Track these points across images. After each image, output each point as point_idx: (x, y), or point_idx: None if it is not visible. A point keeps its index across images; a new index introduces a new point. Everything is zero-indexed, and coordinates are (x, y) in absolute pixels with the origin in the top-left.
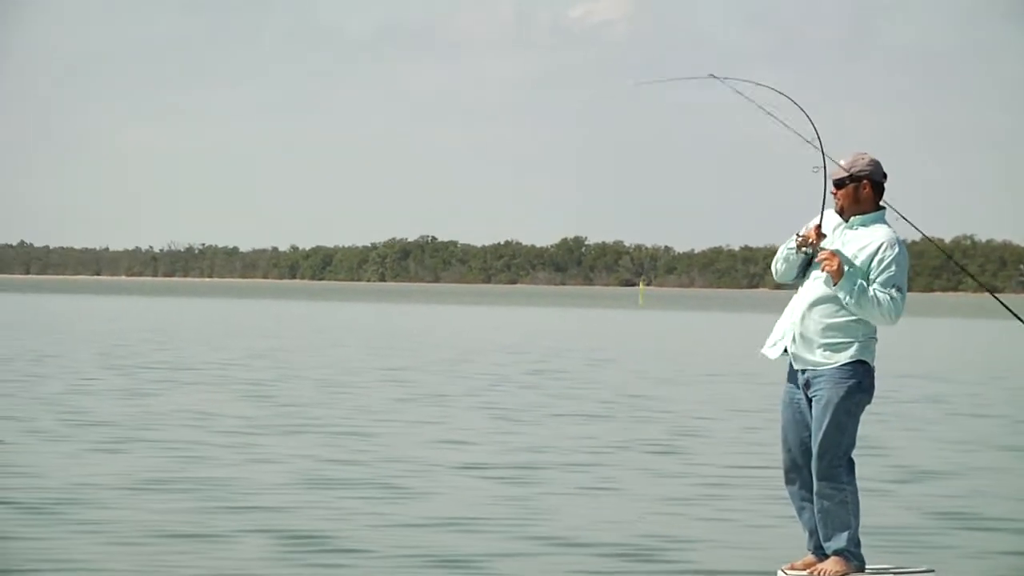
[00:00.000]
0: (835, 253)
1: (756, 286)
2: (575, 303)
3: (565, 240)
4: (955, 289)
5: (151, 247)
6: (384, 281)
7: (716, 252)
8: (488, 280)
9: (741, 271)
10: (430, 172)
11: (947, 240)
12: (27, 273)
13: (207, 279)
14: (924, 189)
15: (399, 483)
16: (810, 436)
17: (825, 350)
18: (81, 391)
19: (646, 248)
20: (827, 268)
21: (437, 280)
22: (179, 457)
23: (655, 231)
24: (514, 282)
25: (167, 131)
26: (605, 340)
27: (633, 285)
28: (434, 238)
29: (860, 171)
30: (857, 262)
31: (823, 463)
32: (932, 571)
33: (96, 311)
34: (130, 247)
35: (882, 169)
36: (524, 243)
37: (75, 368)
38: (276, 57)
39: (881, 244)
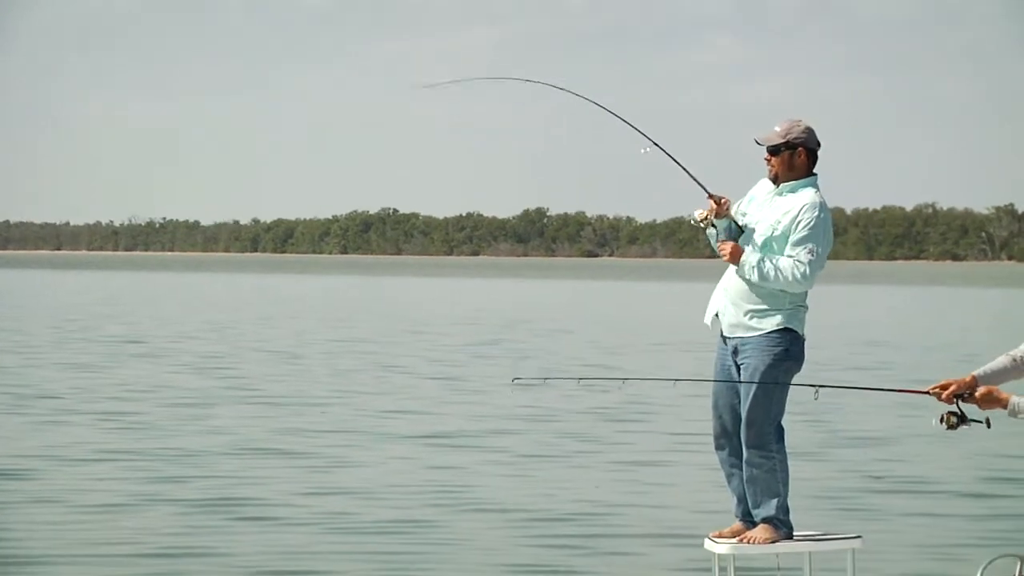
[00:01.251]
0: (732, 242)
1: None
2: (537, 274)
3: (527, 211)
4: (916, 257)
5: (112, 221)
6: (346, 254)
7: (678, 222)
8: (450, 252)
9: (703, 241)
10: (391, 144)
11: (908, 208)
12: None
13: (168, 253)
14: (885, 158)
15: (333, 453)
16: (740, 403)
17: (751, 318)
18: (32, 364)
19: (608, 219)
20: (724, 257)
21: (399, 252)
22: (116, 428)
23: (617, 202)
24: (476, 253)
25: (128, 105)
26: (564, 311)
27: (596, 256)
28: (396, 210)
29: (796, 138)
30: (780, 227)
31: (752, 431)
32: (859, 537)
33: (56, 285)
34: (91, 221)
35: (816, 137)
36: (486, 214)
37: (28, 342)
38: (236, 29)
39: (803, 206)
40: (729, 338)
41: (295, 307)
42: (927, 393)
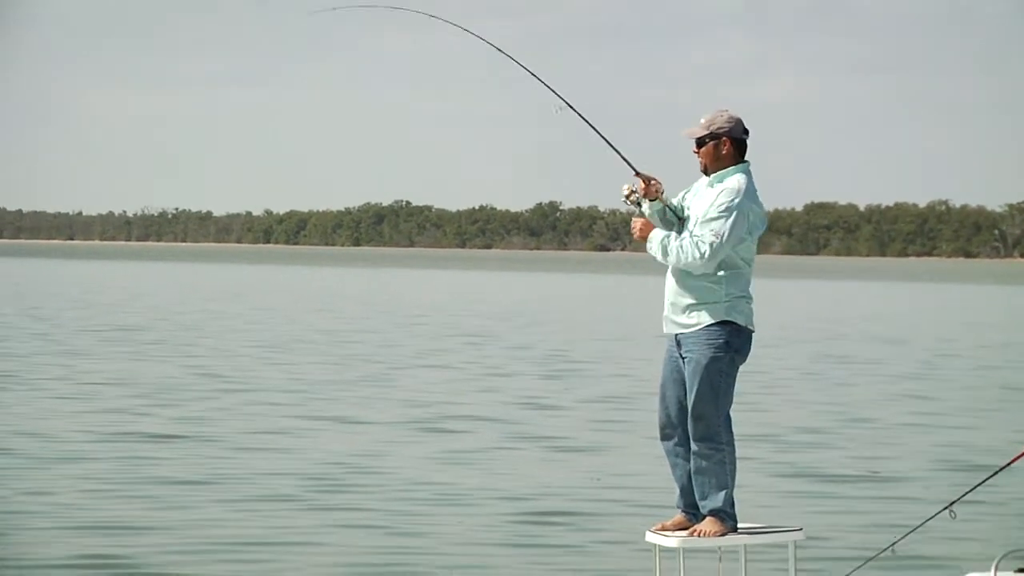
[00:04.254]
0: (644, 217)
1: None
2: (549, 267)
3: (540, 205)
4: (929, 254)
5: (124, 211)
6: (359, 246)
7: None
8: (463, 245)
9: None
10: (405, 137)
11: (922, 205)
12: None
13: (181, 243)
14: (899, 154)
15: (287, 442)
16: (686, 395)
17: (690, 312)
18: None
19: (620, 213)
20: (635, 234)
21: (411, 245)
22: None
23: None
24: (488, 247)
25: (140, 96)
26: (573, 303)
27: (608, 250)
28: (408, 203)
29: (719, 128)
30: (707, 216)
31: (699, 424)
32: (800, 529)
33: (68, 275)
34: (104, 212)
35: (743, 125)
36: (499, 208)
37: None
38: (249, 23)
39: (722, 191)
40: (672, 333)
41: (298, 299)
42: None
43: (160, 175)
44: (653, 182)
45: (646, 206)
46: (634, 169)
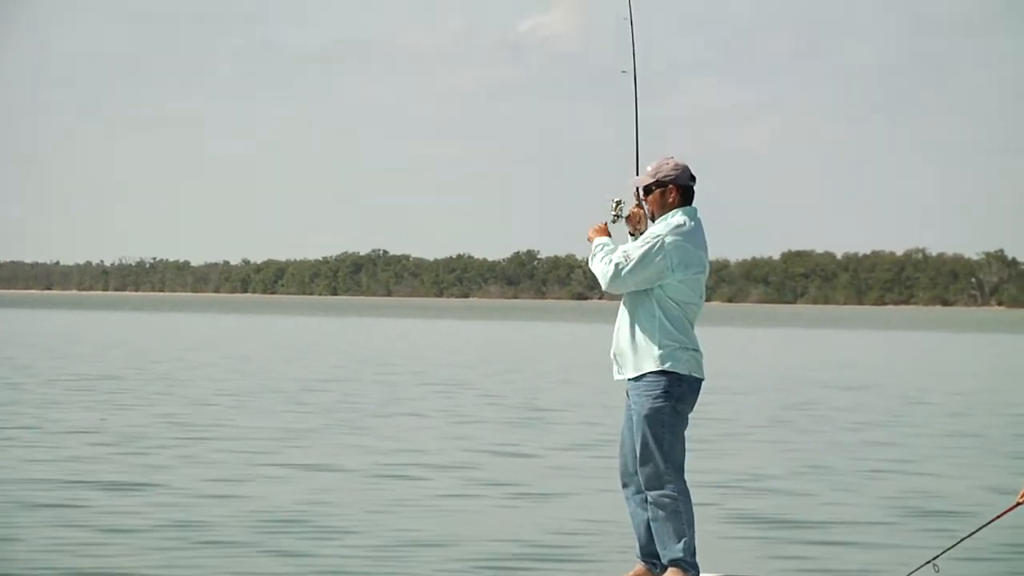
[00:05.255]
0: (606, 227)
1: (709, 299)
2: (527, 316)
3: (517, 254)
4: (906, 302)
5: (102, 261)
6: (336, 295)
7: None
8: (440, 294)
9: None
10: (382, 186)
11: (899, 253)
12: None
13: (158, 293)
14: (874, 202)
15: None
16: None
17: (631, 361)
18: None
19: None
20: (589, 237)
21: (389, 294)
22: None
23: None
24: (466, 295)
25: (117, 145)
26: (550, 351)
27: (586, 299)
28: (386, 252)
29: (665, 176)
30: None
31: (645, 473)
32: None
33: (45, 325)
34: (81, 261)
35: (689, 172)
36: (476, 256)
37: None
38: (226, 70)
39: (656, 226)
40: (618, 379)
41: (263, 348)
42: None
43: (137, 225)
44: (641, 217)
45: (619, 224)
46: (639, 197)
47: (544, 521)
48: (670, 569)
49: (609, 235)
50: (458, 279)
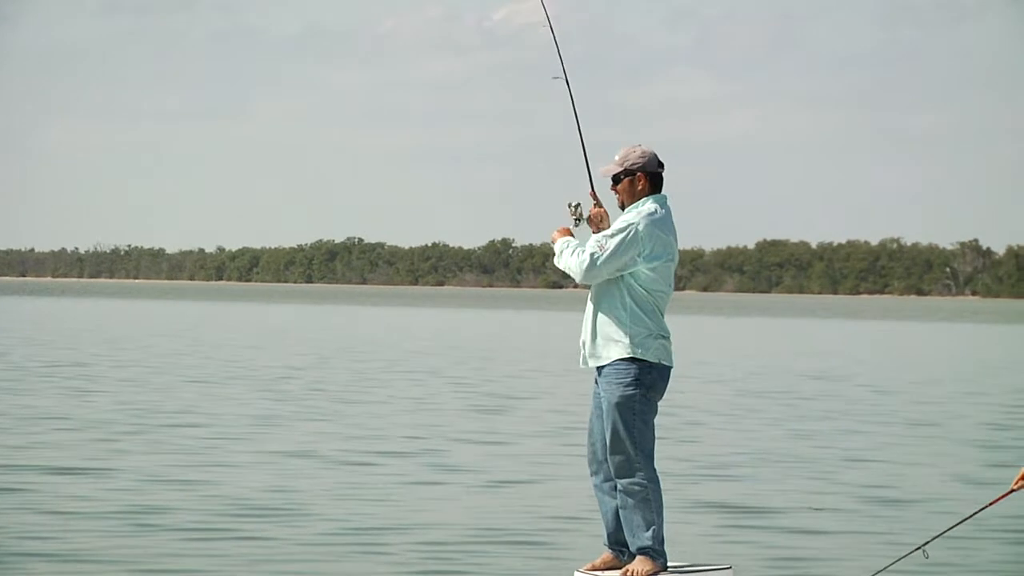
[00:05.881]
0: (569, 229)
1: (684, 288)
2: (502, 304)
3: (492, 242)
4: (881, 291)
5: (77, 248)
6: (311, 283)
7: None
8: (415, 282)
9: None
10: (357, 174)
11: (874, 243)
12: None
13: (133, 280)
14: (849, 192)
15: (205, 475)
16: None
17: (598, 348)
18: None
19: None
20: (552, 239)
21: (364, 282)
22: None
23: (582, 233)
24: (441, 284)
25: (92, 131)
26: (523, 338)
27: (560, 287)
28: (361, 239)
29: (633, 164)
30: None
31: (615, 461)
32: (729, 568)
33: (18, 311)
34: (56, 248)
35: (657, 159)
36: (451, 245)
37: None
38: (200, 57)
39: (626, 215)
40: (586, 366)
41: (223, 335)
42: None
43: (112, 212)
44: (603, 216)
45: (581, 227)
46: (594, 195)
47: (510, 508)
48: (638, 557)
49: (572, 236)
50: (433, 267)
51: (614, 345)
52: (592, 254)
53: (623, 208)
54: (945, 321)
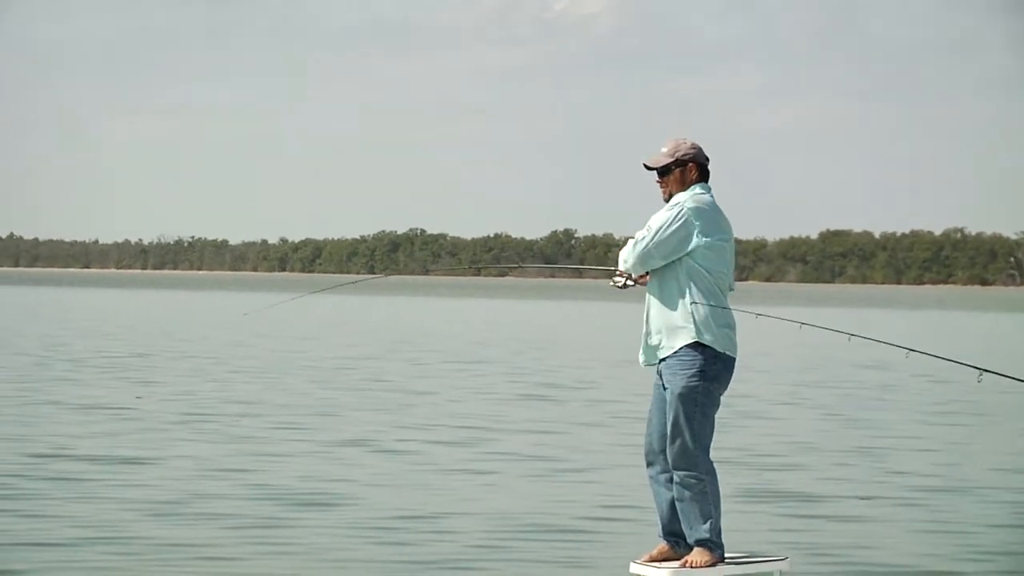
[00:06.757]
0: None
1: (746, 278)
2: (565, 295)
3: (555, 233)
4: (944, 281)
5: (141, 240)
6: (373, 273)
7: None
8: (477, 273)
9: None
10: (420, 165)
11: (937, 233)
12: (16, 266)
13: (197, 272)
14: (914, 182)
15: (258, 465)
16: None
17: (664, 339)
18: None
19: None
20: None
21: (426, 273)
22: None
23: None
24: (504, 275)
25: (157, 124)
26: (586, 329)
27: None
28: (423, 231)
29: (684, 155)
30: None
31: (675, 453)
32: (786, 559)
33: (80, 303)
34: (120, 240)
35: (704, 153)
36: (514, 236)
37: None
38: (264, 50)
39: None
40: (649, 362)
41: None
42: None
43: (176, 203)
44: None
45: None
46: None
47: (566, 498)
48: (696, 549)
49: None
50: (495, 258)
51: (679, 332)
52: (642, 236)
53: (669, 200)
54: (1009, 311)
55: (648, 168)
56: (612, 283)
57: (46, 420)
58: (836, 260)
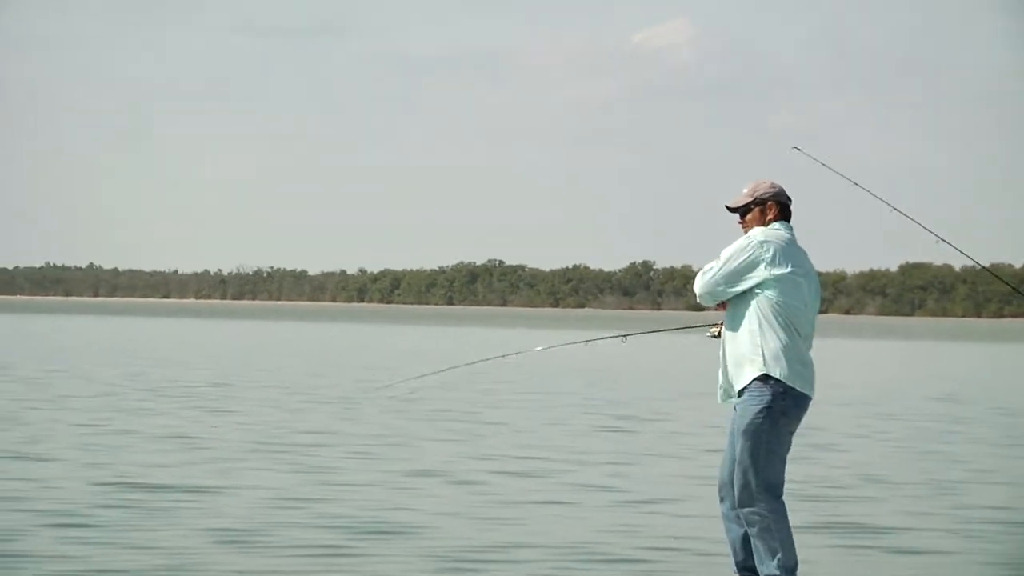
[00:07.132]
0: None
1: (825, 311)
2: (643, 326)
3: (633, 264)
4: None
5: (220, 270)
6: (452, 304)
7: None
8: (556, 304)
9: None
10: (498, 195)
11: (1017, 266)
12: (96, 295)
13: (275, 302)
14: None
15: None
16: None
17: (736, 374)
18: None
19: None
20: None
21: (505, 304)
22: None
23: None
24: (582, 306)
25: (235, 155)
26: (662, 362)
27: (703, 309)
28: (502, 262)
29: (763, 194)
30: None
31: (738, 489)
32: None
33: (156, 333)
34: (199, 270)
35: (786, 193)
36: (592, 267)
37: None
38: (345, 80)
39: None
40: (724, 401)
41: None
42: None
43: (255, 234)
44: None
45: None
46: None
47: (639, 530)
48: None
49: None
50: (574, 289)
51: (748, 365)
52: (709, 270)
53: None
54: None
55: (730, 210)
56: (709, 335)
57: (123, 449)
58: (916, 293)
